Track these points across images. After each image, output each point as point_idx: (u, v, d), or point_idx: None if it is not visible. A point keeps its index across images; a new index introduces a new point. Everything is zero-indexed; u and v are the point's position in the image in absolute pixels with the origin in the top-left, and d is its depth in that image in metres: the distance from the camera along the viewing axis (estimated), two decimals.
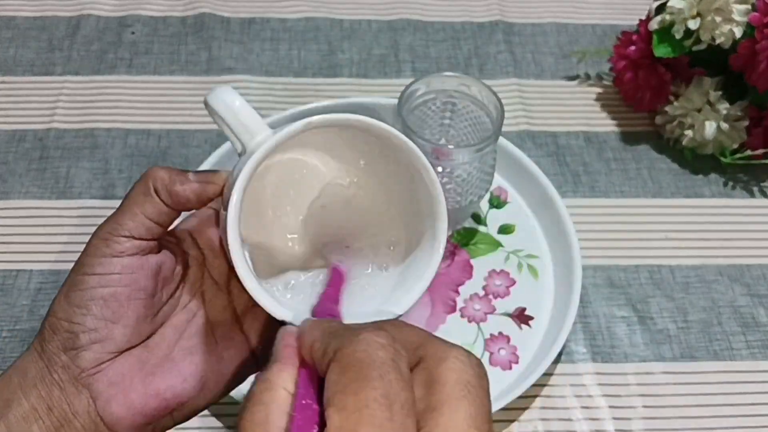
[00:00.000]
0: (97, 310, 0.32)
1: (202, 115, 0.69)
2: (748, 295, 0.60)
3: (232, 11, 0.78)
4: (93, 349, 0.32)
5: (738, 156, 0.65)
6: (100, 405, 0.32)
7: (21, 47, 0.73)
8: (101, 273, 0.33)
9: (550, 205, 0.61)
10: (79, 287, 0.33)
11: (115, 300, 0.33)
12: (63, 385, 0.32)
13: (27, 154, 0.65)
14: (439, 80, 0.56)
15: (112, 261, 0.33)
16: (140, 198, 0.34)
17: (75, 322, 0.32)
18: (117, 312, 0.33)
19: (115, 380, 0.33)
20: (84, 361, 0.32)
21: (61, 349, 0.33)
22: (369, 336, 0.25)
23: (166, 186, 0.33)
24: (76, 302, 0.33)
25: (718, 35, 0.62)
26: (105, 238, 0.33)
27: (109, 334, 0.33)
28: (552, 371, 0.55)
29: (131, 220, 0.33)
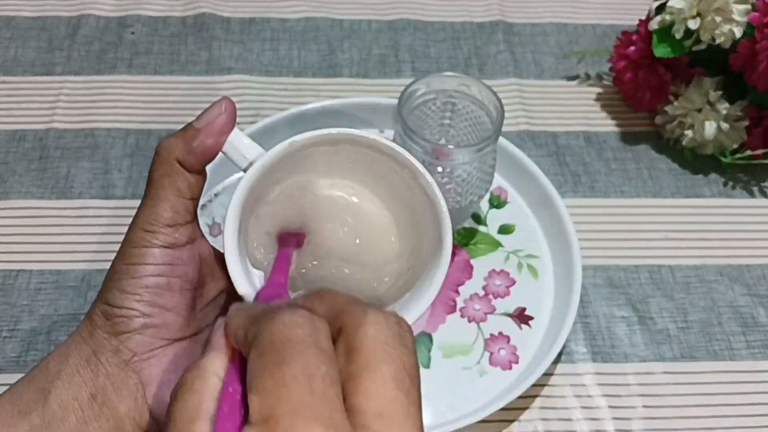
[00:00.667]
0: (150, 297, 0.32)
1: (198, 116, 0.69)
2: (748, 295, 0.60)
3: (232, 11, 0.78)
4: (147, 334, 0.32)
5: (738, 156, 0.65)
6: (150, 390, 0.32)
7: (21, 47, 0.73)
8: (153, 263, 0.33)
9: (550, 205, 0.61)
10: (132, 276, 0.33)
11: (168, 289, 0.33)
12: (111, 369, 0.32)
13: (27, 154, 0.65)
14: (439, 80, 0.56)
15: (160, 252, 0.33)
16: (165, 181, 0.33)
17: (129, 307, 0.32)
18: (170, 300, 0.33)
19: (168, 367, 0.33)
20: (137, 345, 0.32)
21: (111, 333, 0.32)
22: (284, 316, 0.24)
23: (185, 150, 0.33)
24: (129, 289, 0.32)
25: (718, 35, 0.62)
26: (150, 230, 0.33)
27: (163, 321, 0.33)
28: (552, 371, 0.55)
29: (167, 205, 0.33)
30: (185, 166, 0.33)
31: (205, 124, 0.34)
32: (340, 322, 0.25)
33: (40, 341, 0.54)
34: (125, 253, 0.33)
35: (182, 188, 0.33)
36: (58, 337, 0.55)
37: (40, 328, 0.55)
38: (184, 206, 0.33)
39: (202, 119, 0.34)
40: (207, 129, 0.34)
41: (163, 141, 0.34)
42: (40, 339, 0.54)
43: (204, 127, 0.34)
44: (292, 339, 0.24)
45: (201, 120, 0.34)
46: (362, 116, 0.66)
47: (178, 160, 0.33)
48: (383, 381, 0.24)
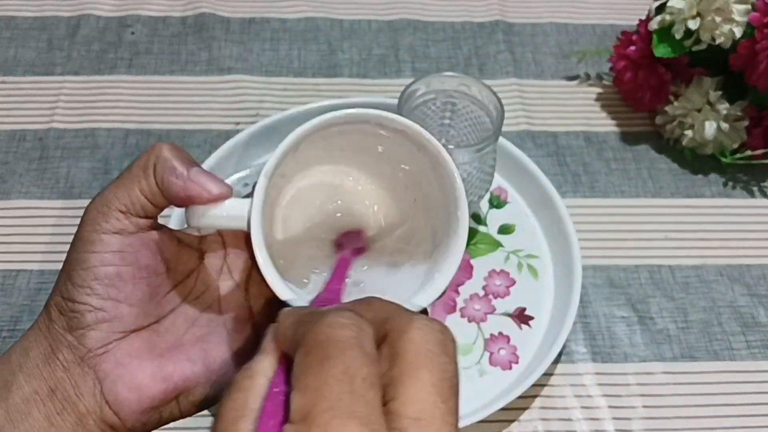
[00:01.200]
0: (101, 290, 0.32)
1: (202, 115, 0.69)
2: (748, 295, 0.60)
3: (232, 11, 0.78)
4: (100, 329, 0.32)
5: (738, 156, 0.65)
6: (106, 386, 0.32)
7: (21, 47, 0.73)
8: (102, 251, 0.32)
9: (550, 205, 0.61)
10: (82, 266, 0.32)
11: (120, 279, 0.32)
12: (68, 365, 0.32)
13: (27, 154, 0.65)
14: (439, 80, 0.56)
15: (111, 238, 0.32)
16: (139, 173, 0.33)
17: (80, 301, 0.32)
18: (122, 291, 0.32)
19: (123, 361, 0.32)
20: (91, 340, 0.32)
21: (66, 329, 0.32)
22: (331, 317, 0.25)
23: (163, 170, 0.32)
24: (80, 282, 0.32)
25: (718, 35, 0.62)
26: (103, 212, 0.33)
27: (116, 314, 0.32)
28: (552, 371, 0.55)
29: (128, 195, 0.33)
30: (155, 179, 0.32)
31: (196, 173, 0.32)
32: (386, 328, 0.26)
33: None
34: (76, 236, 0.33)
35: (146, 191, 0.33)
36: None
37: None
38: (141, 204, 0.33)
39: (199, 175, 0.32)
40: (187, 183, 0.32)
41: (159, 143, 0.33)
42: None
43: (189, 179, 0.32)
44: (337, 339, 0.24)
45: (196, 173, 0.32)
46: None
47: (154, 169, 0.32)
48: (423, 387, 0.24)
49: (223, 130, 0.68)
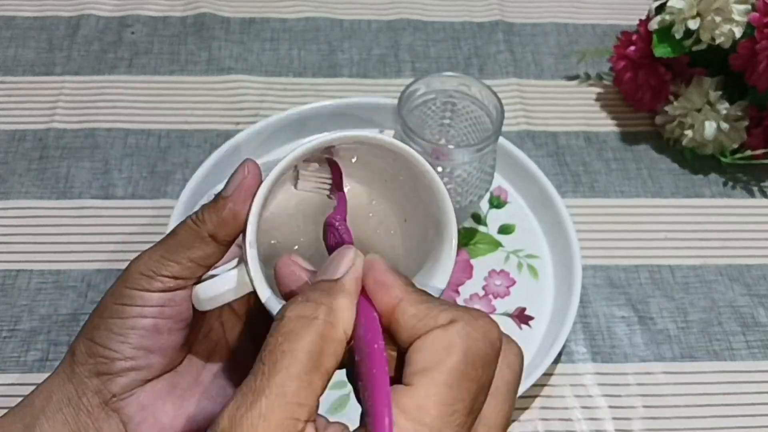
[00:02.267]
0: (136, 340, 0.32)
1: (202, 115, 0.69)
2: (748, 295, 0.60)
3: (232, 11, 0.78)
4: (128, 376, 0.32)
5: (738, 156, 0.65)
6: (130, 429, 0.32)
7: (21, 47, 0.73)
8: (142, 305, 0.32)
9: (550, 205, 0.61)
10: (120, 315, 0.32)
11: (156, 331, 0.32)
12: (92, 409, 0.32)
13: (27, 154, 0.65)
14: (439, 80, 0.56)
15: (153, 296, 0.32)
16: (189, 240, 0.32)
17: (113, 349, 0.32)
18: (156, 342, 0.32)
19: (147, 404, 0.32)
20: (116, 386, 0.32)
21: (93, 373, 0.32)
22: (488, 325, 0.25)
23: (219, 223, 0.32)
24: (115, 329, 0.32)
25: (718, 35, 0.62)
26: (148, 275, 0.32)
27: (146, 363, 0.32)
28: (552, 371, 0.55)
29: (178, 264, 0.32)
30: (217, 237, 0.32)
31: (233, 190, 0.32)
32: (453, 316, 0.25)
33: (40, 341, 0.54)
34: (117, 289, 0.33)
35: (199, 257, 0.33)
36: (58, 336, 0.55)
37: (40, 328, 0.55)
38: (191, 270, 0.33)
39: (229, 187, 0.32)
40: (235, 196, 0.32)
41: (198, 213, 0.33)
42: (40, 339, 0.54)
43: (234, 193, 0.32)
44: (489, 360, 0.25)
45: (228, 188, 0.32)
46: (362, 116, 0.66)
47: (210, 234, 0.32)
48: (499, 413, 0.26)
49: (223, 130, 0.68)
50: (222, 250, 0.33)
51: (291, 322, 0.25)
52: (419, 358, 0.24)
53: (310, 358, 0.24)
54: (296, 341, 0.25)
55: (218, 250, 0.33)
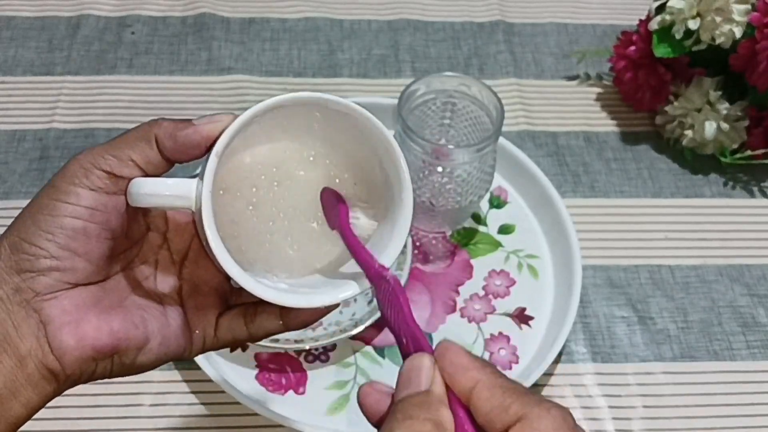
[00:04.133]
0: (63, 240, 0.32)
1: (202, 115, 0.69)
2: (748, 295, 0.60)
3: (232, 11, 0.78)
4: (51, 276, 0.32)
5: (738, 156, 0.65)
6: (50, 331, 0.32)
7: (21, 47, 0.73)
8: (75, 203, 0.32)
9: (550, 205, 0.61)
10: (51, 212, 0.32)
11: (84, 234, 0.32)
12: (11, 306, 0.31)
13: (27, 154, 0.65)
14: (439, 80, 0.56)
15: (88, 194, 0.32)
16: (134, 140, 0.33)
17: (39, 246, 0.31)
18: (83, 245, 0.32)
19: (69, 309, 0.32)
20: (39, 285, 0.32)
21: (15, 269, 0.32)
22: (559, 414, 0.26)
23: (170, 133, 0.33)
24: (44, 227, 0.32)
25: (718, 35, 0.62)
26: (86, 167, 0.32)
27: (71, 266, 0.32)
28: (552, 371, 0.55)
29: (117, 158, 0.33)
30: (160, 147, 0.33)
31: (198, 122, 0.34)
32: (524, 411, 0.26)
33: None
34: (51, 183, 0.33)
35: (138, 158, 0.33)
36: None
37: None
38: (128, 169, 0.33)
39: (202, 119, 0.34)
40: (199, 126, 0.33)
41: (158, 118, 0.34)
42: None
43: (197, 124, 0.34)
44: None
45: (200, 119, 0.34)
46: None
47: (157, 137, 0.33)
48: None
49: None
50: (162, 164, 0.33)
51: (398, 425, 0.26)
52: None
53: None
54: None
55: (159, 161, 0.33)
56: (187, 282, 0.36)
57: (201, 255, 0.36)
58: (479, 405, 0.27)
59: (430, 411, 0.27)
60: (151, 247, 0.36)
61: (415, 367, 0.29)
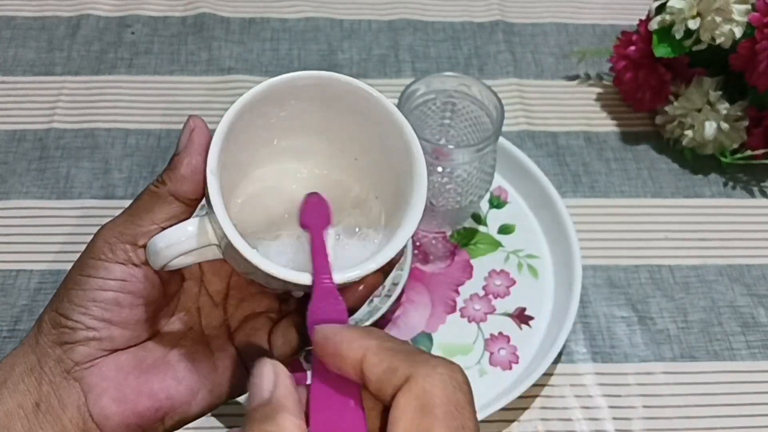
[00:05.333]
0: (97, 312, 0.32)
1: (202, 115, 0.69)
2: (748, 295, 0.60)
3: (232, 11, 0.78)
4: (90, 345, 0.32)
5: (738, 156, 0.65)
6: (91, 399, 0.32)
7: (21, 47, 0.73)
8: (104, 277, 0.32)
9: (550, 205, 0.61)
10: (81, 287, 0.32)
11: (117, 304, 0.32)
12: (53, 378, 0.32)
13: (27, 154, 0.65)
14: (439, 80, 0.56)
15: (116, 267, 0.32)
16: (151, 204, 0.32)
17: (74, 319, 0.32)
18: (117, 315, 0.32)
19: (109, 375, 0.32)
20: (78, 354, 0.32)
21: (56, 342, 0.32)
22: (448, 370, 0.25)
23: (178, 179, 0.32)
24: (77, 301, 0.32)
25: (718, 35, 0.62)
26: (110, 242, 0.33)
27: (108, 335, 0.32)
28: (552, 371, 0.55)
29: (139, 226, 0.32)
30: (179, 196, 0.32)
31: (184, 146, 0.32)
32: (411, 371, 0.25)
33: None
34: (81, 260, 0.33)
35: (161, 219, 0.32)
36: None
37: None
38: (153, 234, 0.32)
39: (180, 143, 0.33)
40: (187, 150, 0.32)
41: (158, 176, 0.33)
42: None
43: (186, 148, 0.32)
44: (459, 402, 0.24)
45: (179, 145, 0.33)
46: None
47: (171, 192, 0.32)
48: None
49: None
50: (187, 210, 0.33)
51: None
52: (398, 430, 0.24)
53: None
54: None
55: (182, 210, 0.32)
56: (233, 318, 0.36)
57: (243, 289, 0.36)
58: (370, 373, 0.25)
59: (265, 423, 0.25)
60: (189, 297, 0.36)
61: (255, 375, 0.27)
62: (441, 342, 0.55)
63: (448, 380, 0.25)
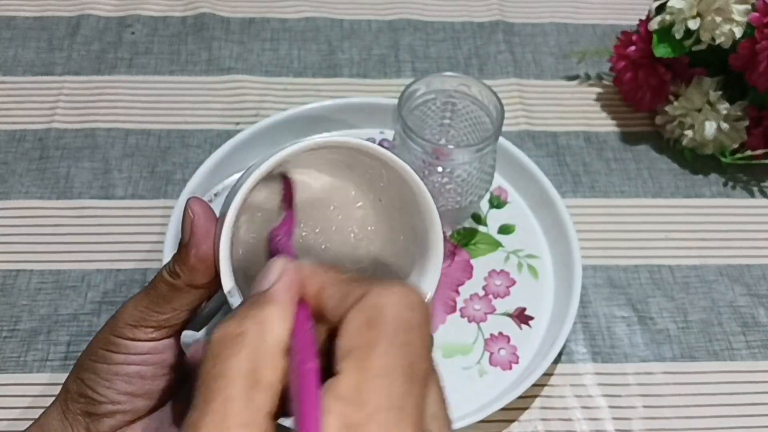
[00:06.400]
0: (120, 386, 0.33)
1: (202, 115, 0.69)
2: (748, 295, 0.60)
3: (232, 11, 0.78)
4: (115, 418, 0.33)
5: (738, 156, 0.65)
6: None
7: (21, 47, 0.73)
8: (126, 353, 0.32)
9: (550, 205, 0.61)
10: (105, 361, 0.33)
11: (140, 377, 0.33)
12: None
13: (27, 154, 0.65)
14: (439, 80, 0.56)
15: (137, 344, 0.33)
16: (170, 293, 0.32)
17: (99, 392, 0.33)
18: (141, 387, 0.33)
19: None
20: (105, 426, 0.33)
21: (84, 412, 0.33)
22: (402, 290, 0.23)
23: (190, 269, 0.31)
24: (102, 375, 0.33)
25: (718, 35, 0.62)
26: (132, 325, 0.33)
27: (132, 407, 0.33)
28: (552, 371, 0.55)
29: (162, 314, 0.32)
30: (195, 285, 0.32)
31: (188, 236, 0.32)
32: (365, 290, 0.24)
33: (40, 341, 0.54)
34: (105, 338, 0.33)
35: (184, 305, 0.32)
36: (58, 337, 0.55)
37: (40, 328, 0.55)
38: (177, 317, 0.33)
39: (184, 232, 0.32)
40: (194, 239, 0.31)
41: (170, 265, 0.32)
42: (40, 339, 0.54)
43: (190, 239, 0.31)
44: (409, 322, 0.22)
45: (183, 234, 0.32)
46: (362, 116, 0.66)
47: (187, 283, 0.32)
48: None
49: (223, 130, 0.68)
50: (204, 293, 0.33)
51: (218, 342, 0.23)
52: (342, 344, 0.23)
53: (246, 375, 0.22)
54: (226, 361, 0.22)
55: (200, 294, 0.33)
56: None
57: None
58: (327, 304, 0.24)
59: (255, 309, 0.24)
60: None
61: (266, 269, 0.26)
62: (441, 342, 0.55)
63: (400, 299, 0.23)
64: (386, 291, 0.23)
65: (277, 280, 0.25)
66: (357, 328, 0.22)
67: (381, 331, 0.22)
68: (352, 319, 0.23)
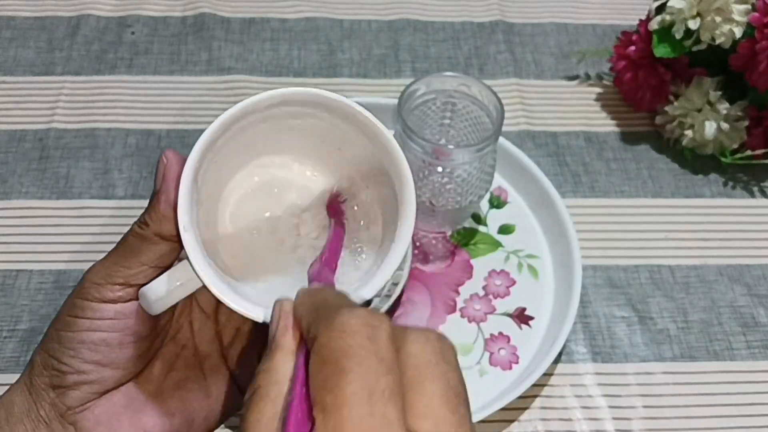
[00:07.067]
0: (86, 354, 0.32)
1: (202, 115, 0.69)
2: (748, 295, 0.60)
3: (232, 11, 0.78)
4: (81, 389, 0.32)
5: (738, 156, 0.65)
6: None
7: (21, 47, 0.73)
8: (92, 317, 0.32)
9: (550, 205, 0.61)
10: (70, 328, 0.32)
11: (106, 345, 0.32)
12: (49, 422, 0.32)
13: (27, 154, 0.65)
14: (439, 80, 0.56)
15: (104, 306, 0.32)
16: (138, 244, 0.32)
17: (63, 362, 0.32)
18: (107, 356, 0.32)
19: (102, 419, 0.32)
20: (70, 399, 0.32)
21: (48, 385, 0.32)
22: (343, 319, 0.23)
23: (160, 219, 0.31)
24: (66, 342, 0.32)
25: (718, 35, 0.62)
26: (98, 284, 0.32)
27: (98, 377, 0.32)
28: (552, 371, 0.55)
29: (128, 267, 0.32)
30: (164, 235, 0.32)
31: (160, 182, 0.32)
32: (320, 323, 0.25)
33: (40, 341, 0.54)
34: (69, 299, 0.33)
35: (152, 259, 0.32)
36: None
37: (40, 328, 0.55)
38: (144, 274, 0.32)
39: (156, 179, 0.32)
40: (165, 185, 0.31)
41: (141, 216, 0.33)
42: (40, 339, 0.54)
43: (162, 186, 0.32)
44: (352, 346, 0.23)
45: (156, 181, 0.32)
46: None
47: (156, 233, 0.32)
48: (430, 399, 0.23)
49: None
50: (174, 247, 0.32)
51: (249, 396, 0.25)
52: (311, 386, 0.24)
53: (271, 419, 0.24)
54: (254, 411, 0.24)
55: (170, 248, 0.32)
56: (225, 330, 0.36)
57: None
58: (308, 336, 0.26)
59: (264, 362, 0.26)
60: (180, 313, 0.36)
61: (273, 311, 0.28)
62: None
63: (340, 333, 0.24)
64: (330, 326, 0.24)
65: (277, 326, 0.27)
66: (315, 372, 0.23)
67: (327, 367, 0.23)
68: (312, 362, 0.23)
